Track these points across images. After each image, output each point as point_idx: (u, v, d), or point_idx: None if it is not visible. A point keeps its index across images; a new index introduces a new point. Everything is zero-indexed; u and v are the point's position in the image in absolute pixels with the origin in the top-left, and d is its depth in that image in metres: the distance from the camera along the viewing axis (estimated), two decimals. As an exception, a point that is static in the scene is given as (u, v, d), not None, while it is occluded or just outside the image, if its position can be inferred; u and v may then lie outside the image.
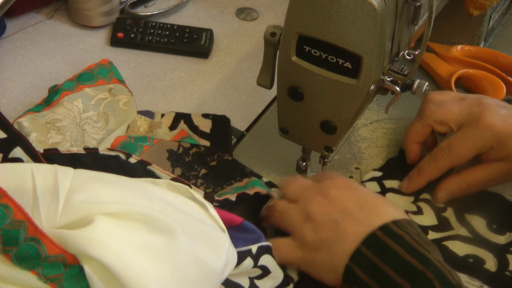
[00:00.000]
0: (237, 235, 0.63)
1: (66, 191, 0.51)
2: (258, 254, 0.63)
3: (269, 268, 0.64)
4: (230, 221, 0.63)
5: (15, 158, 0.60)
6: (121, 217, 0.50)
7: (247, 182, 0.71)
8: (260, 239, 0.64)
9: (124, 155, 0.69)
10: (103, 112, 0.81)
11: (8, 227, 0.47)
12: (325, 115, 0.69)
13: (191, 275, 0.51)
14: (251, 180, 0.71)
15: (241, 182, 0.72)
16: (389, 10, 0.62)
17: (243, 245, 0.62)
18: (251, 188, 0.69)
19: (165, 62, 1.00)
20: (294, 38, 0.65)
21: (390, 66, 0.67)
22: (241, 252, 0.61)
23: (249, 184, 0.70)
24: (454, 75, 0.95)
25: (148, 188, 0.55)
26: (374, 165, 0.86)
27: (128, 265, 0.47)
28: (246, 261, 0.62)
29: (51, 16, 1.05)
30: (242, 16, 1.10)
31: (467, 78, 0.96)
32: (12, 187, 0.49)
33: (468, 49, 1.01)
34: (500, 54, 1.00)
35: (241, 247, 0.62)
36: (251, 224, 0.65)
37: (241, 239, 0.63)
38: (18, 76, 0.94)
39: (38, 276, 0.47)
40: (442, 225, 0.77)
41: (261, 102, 0.94)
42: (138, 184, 0.56)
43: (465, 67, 0.97)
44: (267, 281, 0.64)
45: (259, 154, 0.86)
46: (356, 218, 0.64)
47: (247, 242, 0.63)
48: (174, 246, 0.51)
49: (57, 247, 0.48)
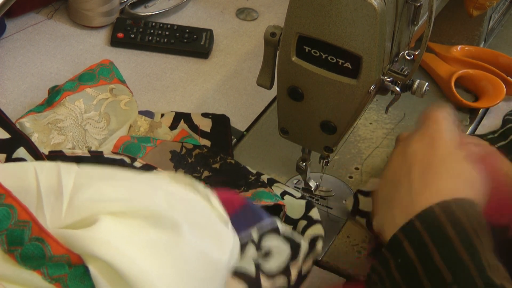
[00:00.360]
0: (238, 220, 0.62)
1: (70, 189, 0.51)
2: (260, 239, 0.63)
3: (273, 248, 0.64)
4: (232, 200, 0.62)
5: (18, 159, 0.60)
6: (125, 215, 0.50)
7: (253, 193, 0.71)
8: (262, 221, 0.64)
9: (129, 159, 0.69)
10: (104, 112, 0.81)
11: (13, 227, 0.47)
12: (325, 115, 0.69)
13: (196, 270, 0.51)
14: (257, 191, 0.71)
15: (247, 193, 0.71)
16: (389, 10, 0.62)
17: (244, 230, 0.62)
18: (258, 201, 0.69)
19: (165, 62, 1.00)
20: (294, 38, 0.65)
21: (390, 66, 0.67)
22: (243, 242, 0.61)
23: (256, 196, 0.70)
24: (454, 76, 0.95)
25: (153, 180, 0.55)
26: (374, 165, 0.86)
27: (133, 264, 0.47)
28: (250, 250, 0.61)
29: (51, 16, 1.05)
30: (242, 16, 1.11)
31: (467, 78, 0.97)
32: (16, 186, 0.49)
33: (468, 49, 1.01)
34: (500, 54, 1.00)
35: (243, 237, 0.61)
36: (254, 204, 0.64)
37: (242, 224, 0.62)
38: (18, 76, 0.94)
39: (43, 276, 0.48)
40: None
41: (261, 102, 0.94)
42: (143, 177, 0.56)
43: (465, 67, 0.97)
44: (272, 260, 0.64)
45: (259, 154, 0.86)
46: (412, 185, 0.61)
47: (249, 225, 0.63)
48: (179, 242, 0.51)
49: (62, 247, 0.48)
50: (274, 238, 0.64)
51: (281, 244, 0.64)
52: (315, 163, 0.79)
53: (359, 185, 0.83)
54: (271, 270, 0.63)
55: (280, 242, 0.64)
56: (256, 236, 0.63)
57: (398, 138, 0.73)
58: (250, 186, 0.73)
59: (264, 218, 0.65)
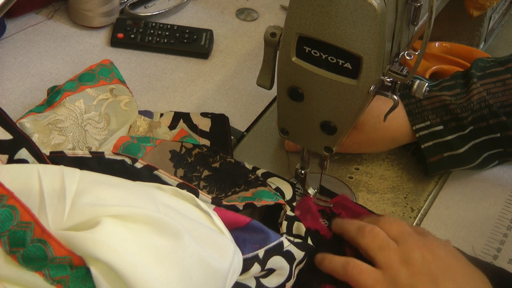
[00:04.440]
0: (243, 236, 0.63)
1: (73, 192, 0.51)
2: (265, 258, 0.63)
3: (275, 268, 0.64)
4: (236, 222, 0.63)
5: (20, 160, 0.60)
6: (128, 219, 0.50)
7: (253, 192, 0.71)
8: (267, 240, 0.64)
9: (130, 160, 0.69)
10: (104, 113, 0.81)
11: (15, 228, 0.47)
12: (325, 115, 0.69)
13: (197, 277, 0.51)
14: (257, 190, 0.71)
15: (247, 192, 0.71)
16: (389, 11, 0.62)
17: (250, 247, 0.62)
18: (259, 200, 0.69)
19: (165, 63, 1.00)
20: (294, 38, 0.65)
21: (390, 67, 0.67)
22: (248, 259, 0.61)
23: (257, 196, 0.70)
24: (428, 71, 0.96)
25: (152, 192, 0.56)
26: (374, 165, 0.86)
27: (134, 267, 0.47)
28: (253, 267, 0.62)
29: (51, 16, 1.05)
30: (242, 16, 1.11)
31: (441, 74, 0.97)
32: (19, 188, 0.49)
33: (446, 45, 1.02)
34: (475, 50, 1.01)
35: (248, 253, 0.62)
36: (259, 223, 0.65)
37: (248, 240, 0.63)
38: (18, 76, 0.94)
39: (44, 277, 0.47)
40: None
41: (261, 103, 0.94)
42: (143, 188, 0.56)
43: (441, 63, 0.98)
44: (273, 278, 0.65)
45: (259, 154, 0.86)
46: (457, 282, 0.65)
47: (254, 243, 0.63)
48: (181, 248, 0.51)
49: (64, 249, 0.48)
50: (279, 260, 0.65)
51: (284, 264, 0.65)
52: (315, 163, 0.79)
53: (359, 185, 0.83)
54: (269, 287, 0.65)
55: (284, 262, 0.65)
56: (262, 257, 0.63)
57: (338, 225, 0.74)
58: (250, 185, 0.73)
59: (271, 235, 0.65)
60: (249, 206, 0.68)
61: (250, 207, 0.68)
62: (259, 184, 0.73)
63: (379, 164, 0.86)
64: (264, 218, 0.73)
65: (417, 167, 0.86)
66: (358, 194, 0.82)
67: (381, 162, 0.86)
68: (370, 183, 0.84)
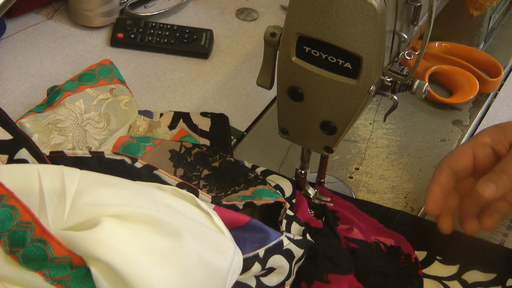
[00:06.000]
0: (243, 235, 0.63)
1: (73, 192, 0.51)
2: (265, 257, 0.63)
3: (275, 267, 0.64)
4: (236, 221, 0.63)
5: (20, 160, 0.60)
6: (128, 219, 0.50)
7: (253, 191, 0.71)
8: (267, 239, 0.64)
9: (130, 160, 0.69)
10: (104, 113, 0.81)
11: (15, 228, 0.47)
12: (325, 115, 0.69)
13: (197, 276, 0.51)
14: (257, 189, 0.71)
15: (247, 191, 0.71)
16: (389, 10, 0.62)
17: (250, 246, 0.62)
18: (259, 199, 0.69)
19: (165, 63, 1.00)
20: (294, 38, 0.65)
21: (390, 67, 0.67)
22: (249, 258, 0.61)
23: (256, 194, 0.70)
24: (428, 71, 0.96)
25: (152, 192, 0.56)
26: (374, 165, 0.86)
27: (134, 266, 0.47)
28: (254, 267, 0.62)
29: (51, 16, 1.05)
30: (242, 16, 1.11)
31: (441, 74, 0.98)
32: (19, 188, 0.49)
33: (445, 45, 1.02)
34: (475, 50, 1.01)
35: (248, 253, 0.62)
36: (259, 222, 0.65)
37: (248, 240, 0.63)
38: (18, 76, 0.94)
39: (44, 277, 0.47)
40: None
41: (261, 102, 0.94)
42: (143, 188, 0.56)
43: (441, 63, 0.98)
44: (273, 277, 0.65)
45: (259, 154, 0.86)
46: None
47: (254, 242, 0.63)
48: (181, 248, 0.51)
49: (64, 249, 0.48)
50: (279, 259, 0.65)
51: (284, 263, 0.65)
52: (315, 164, 0.79)
53: (359, 185, 0.83)
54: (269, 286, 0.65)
55: (283, 261, 0.65)
56: (262, 256, 0.63)
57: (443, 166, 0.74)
58: (249, 183, 0.73)
59: (271, 234, 0.65)
60: (249, 205, 0.68)
61: (250, 206, 0.68)
62: (259, 182, 0.73)
63: (379, 164, 0.86)
64: (264, 216, 0.73)
65: (417, 167, 0.86)
66: (358, 194, 0.82)
67: (381, 162, 0.86)
68: (370, 183, 0.84)
